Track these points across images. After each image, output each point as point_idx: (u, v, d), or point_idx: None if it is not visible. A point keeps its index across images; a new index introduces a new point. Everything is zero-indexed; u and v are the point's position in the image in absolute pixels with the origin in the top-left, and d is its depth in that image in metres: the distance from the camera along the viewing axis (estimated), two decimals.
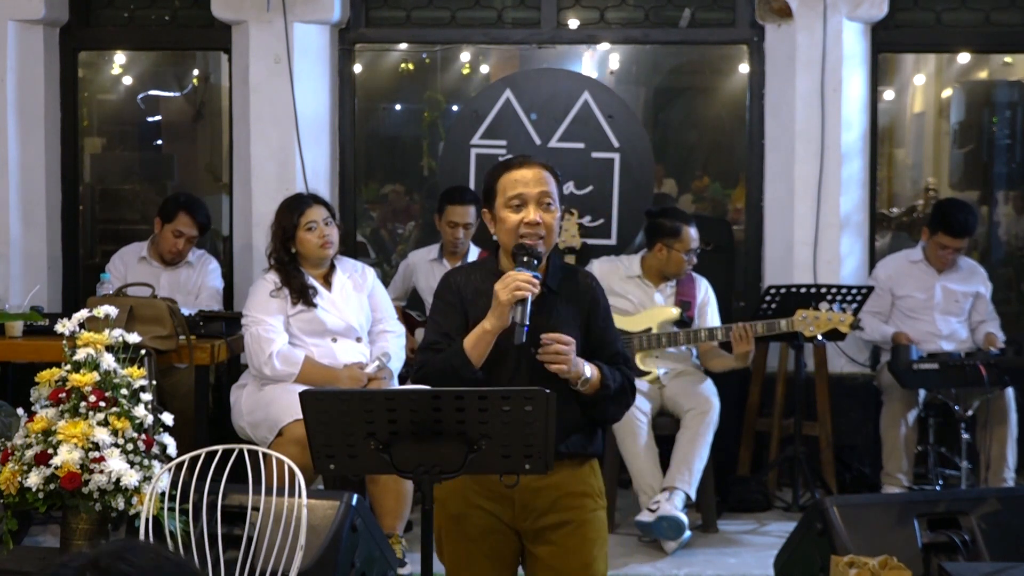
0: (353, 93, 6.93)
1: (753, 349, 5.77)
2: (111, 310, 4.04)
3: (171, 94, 8.21)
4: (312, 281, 5.40)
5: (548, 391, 3.10)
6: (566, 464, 3.38)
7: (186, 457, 3.74)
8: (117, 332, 4.01)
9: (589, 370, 3.32)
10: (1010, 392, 6.11)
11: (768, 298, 6.08)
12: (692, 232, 5.99)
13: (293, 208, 5.41)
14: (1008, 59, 7.97)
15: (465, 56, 7.96)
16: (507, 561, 3.44)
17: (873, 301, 6.27)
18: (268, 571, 3.65)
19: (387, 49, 7.91)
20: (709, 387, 5.89)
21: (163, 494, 3.77)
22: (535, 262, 3.32)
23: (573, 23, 6.90)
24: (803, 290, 6.08)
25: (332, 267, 5.48)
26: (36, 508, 3.85)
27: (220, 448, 3.71)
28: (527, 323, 3.23)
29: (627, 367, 3.42)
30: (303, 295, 5.32)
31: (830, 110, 6.51)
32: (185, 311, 5.61)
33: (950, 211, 6.35)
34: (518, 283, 3.25)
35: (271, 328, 5.27)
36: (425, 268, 6.35)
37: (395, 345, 5.53)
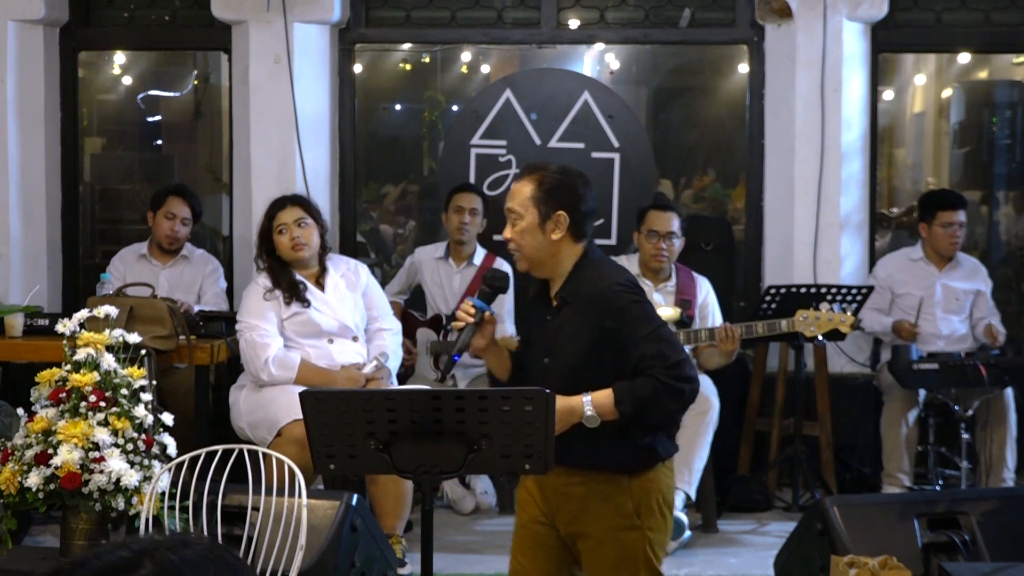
0: (353, 93, 6.93)
1: (738, 347, 5.78)
2: (111, 310, 4.05)
3: (171, 94, 8.20)
4: (301, 280, 5.39)
5: (548, 391, 3.10)
6: (591, 475, 3.36)
7: (186, 457, 3.74)
8: (117, 332, 4.01)
9: (589, 408, 3.26)
10: (1010, 392, 6.11)
11: (768, 298, 6.08)
12: (662, 215, 5.93)
13: (268, 210, 5.45)
14: (1018, 59, 7.96)
15: (465, 56, 7.96)
16: (549, 553, 3.46)
17: (873, 299, 6.27)
18: (268, 571, 3.65)
19: (387, 49, 7.91)
20: (709, 387, 5.89)
21: (163, 494, 3.77)
22: (487, 290, 3.46)
23: (573, 23, 6.90)
24: (803, 290, 6.07)
25: (324, 267, 5.46)
26: (36, 508, 3.85)
27: (220, 448, 3.71)
28: (458, 353, 3.40)
29: (661, 364, 3.25)
30: (294, 292, 5.32)
31: (830, 110, 6.51)
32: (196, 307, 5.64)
33: (937, 193, 6.76)
34: (459, 313, 3.41)
35: (265, 333, 5.26)
36: (431, 266, 6.35)
37: (392, 343, 5.51)
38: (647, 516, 3.33)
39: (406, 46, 7.81)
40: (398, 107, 8.72)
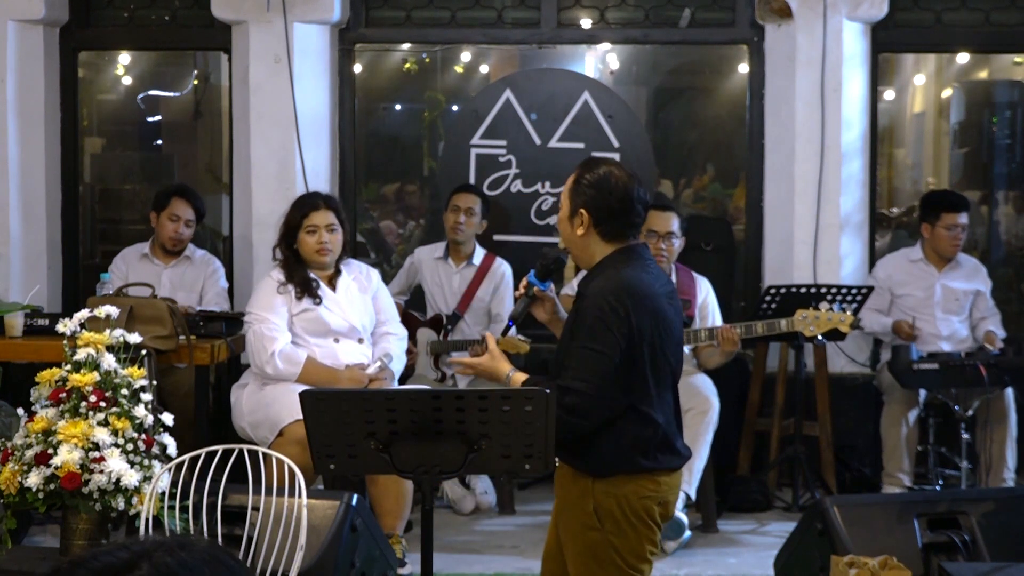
0: (353, 93, 6.93)
1: (739, 346, 5.77)
2: (112, 310, 4.05)
3: (171, 94, 8.20)
4: (315, 278, 5.40)
5: (548, 391, 3.10)
6: (571, 472, 3.38)
7: (186, 457, 3.74)
8: (117, 332, 4.01)
9: (507, 383, 3.40)
10: (1010, 392, 6.11)
11: (768, 298, 6.08)
12: (661, 215, 5.87)
13: (300, 206, 5.41)
14: (1018, 59, 7.96)
15: (465, 56, 7.96)
16: (557, 543, 3.48)
17: (873, 300, 6.27)
18: (268, 571, 3.65)
19: (387, 49, 7.90)
20: (708, 387, 5.89)
21: (163, 494, 3.77)
22: (540, 268, 3.56)
23: (573, 23, 6.89)
24: (803, 290, 6.08)
25: (337, 269, 5.47)
26: (36, 508, 3.85)
27: (220, 448, 3.71)
28: (512, 320, 3.58)
29: (562, 379, 3.27)
30: (307, 288, 5.32)
31: (830, 110, 6.51)
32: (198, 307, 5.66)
33: (940, 193, 6.70)
34: (521, 284, 3.58)
35: (274, 327, 5.27)
36: (431, 266, 6.36)
37: (397, 347, 5.53)
38: (608, 521, 3.30)
39: (406, 46, 7.81)
40: (398, 107, 8.72)
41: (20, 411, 4.04)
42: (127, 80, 8.05)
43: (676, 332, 3.42)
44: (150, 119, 8.26)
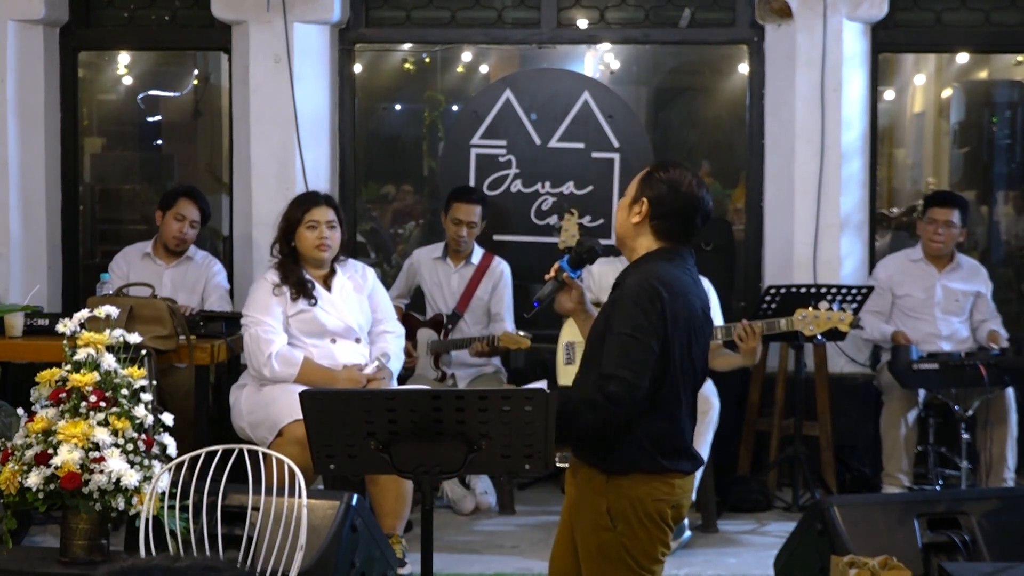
0: (353, 93, 6.93)
1: (760, 345, 5.71)
2: (112, 310, 4.04)
3: (171, 94, 8.21)
4: (310, 278, 5.40)
5: (548, 391, 3.10)
6: (584, 468, 3.37)
7: (186, 457, 3.74)
8: (117, 332, 4.01)
9: None
10: (1010, 392, 6.11)
11: (768, 298, 6.08)
12: None
13: (301, 203, 5.43)
14: (1020, 58, 7.96)
15: (465, 56, 7.96)
16: (568, 541, 3.46)
17: (873, 301, 6.27)
18: (268, 571, 3.65)
19: (387, 49, 7.91)
20: (709, 387, 5.88)
21: (163, 494, 3.76)
22: (574, 256, 3.55)
23: (573, 23, 6.90)
24: (803, 290, 6.07)
25: (332, 269, 5.47)
26: (36, 508, 3.84)
27: (220, 448, 3.71)
28: (538, 300, 3.56)
29: (602, 367, 3.23)
30: (302, 289, 5.32)
31: (830, 110, 6.51)
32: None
33: (938, 191, 6.84)
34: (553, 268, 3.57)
35: (270, 329, 5.26)
36: (429, 266, 6.36)
37: (395, 346, 5.53)
38: (620, 521, 3.29)
39: (406, 46, 7.81)
40: (398, 107, 8.72)
41: (20, 411, 4.03)
42: (127, 80, 8.05)
43: (705, 339, 3.40)
44: (150, 119, 8.26)
